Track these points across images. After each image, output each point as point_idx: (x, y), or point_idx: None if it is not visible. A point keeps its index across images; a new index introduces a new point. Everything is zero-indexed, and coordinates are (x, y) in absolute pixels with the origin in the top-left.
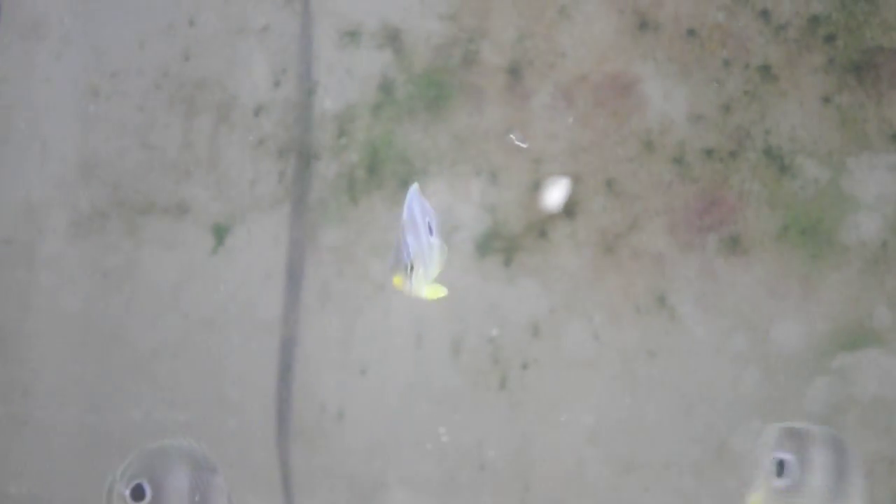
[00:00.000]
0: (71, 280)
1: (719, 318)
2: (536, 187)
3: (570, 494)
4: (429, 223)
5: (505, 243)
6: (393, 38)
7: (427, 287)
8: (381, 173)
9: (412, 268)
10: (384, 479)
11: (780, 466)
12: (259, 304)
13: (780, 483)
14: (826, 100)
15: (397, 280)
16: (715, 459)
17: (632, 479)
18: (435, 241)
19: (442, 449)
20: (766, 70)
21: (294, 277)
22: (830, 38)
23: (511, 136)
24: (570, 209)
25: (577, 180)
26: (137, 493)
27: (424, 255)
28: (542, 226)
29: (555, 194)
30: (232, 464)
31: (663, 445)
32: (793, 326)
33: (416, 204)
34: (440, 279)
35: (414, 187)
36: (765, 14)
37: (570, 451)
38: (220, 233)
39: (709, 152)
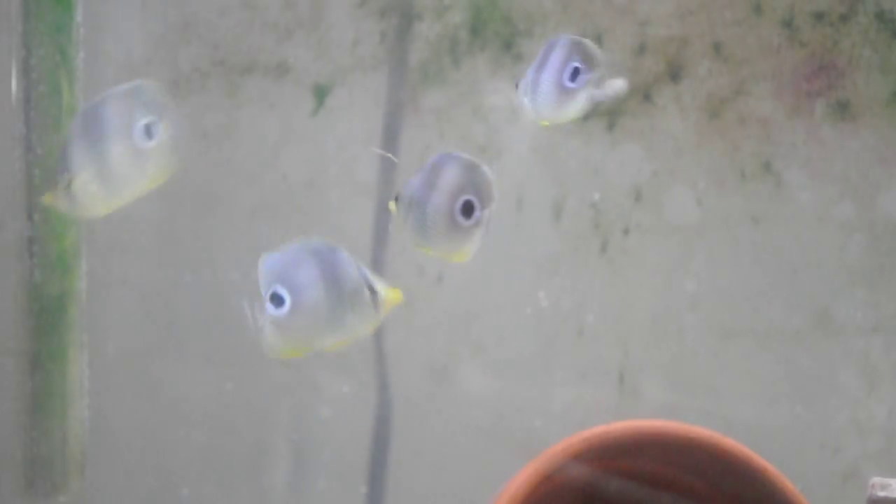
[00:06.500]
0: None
1: (825, 185)
2: (642, 50)
3: (670, 361)
4: None
5: (608, 107)
6: None
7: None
8: (484, 34)
9: None
10: (482, 342)
11: None
12: (358, 166)
13: None
14: None
15: None
16: (816, 327)
17: (731, 345)
18: None
19: (541, 313)
20: None
21: (393, 140)
22: None
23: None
24: (675, 73)
25: (683, 43)
26: (277, 300)
27: None
28: (646, 89)
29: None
30: None
31: (765, 313)
32: None
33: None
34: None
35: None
36: None
37: (670, 317)
38: (321, 94)
39: (819, 16)
